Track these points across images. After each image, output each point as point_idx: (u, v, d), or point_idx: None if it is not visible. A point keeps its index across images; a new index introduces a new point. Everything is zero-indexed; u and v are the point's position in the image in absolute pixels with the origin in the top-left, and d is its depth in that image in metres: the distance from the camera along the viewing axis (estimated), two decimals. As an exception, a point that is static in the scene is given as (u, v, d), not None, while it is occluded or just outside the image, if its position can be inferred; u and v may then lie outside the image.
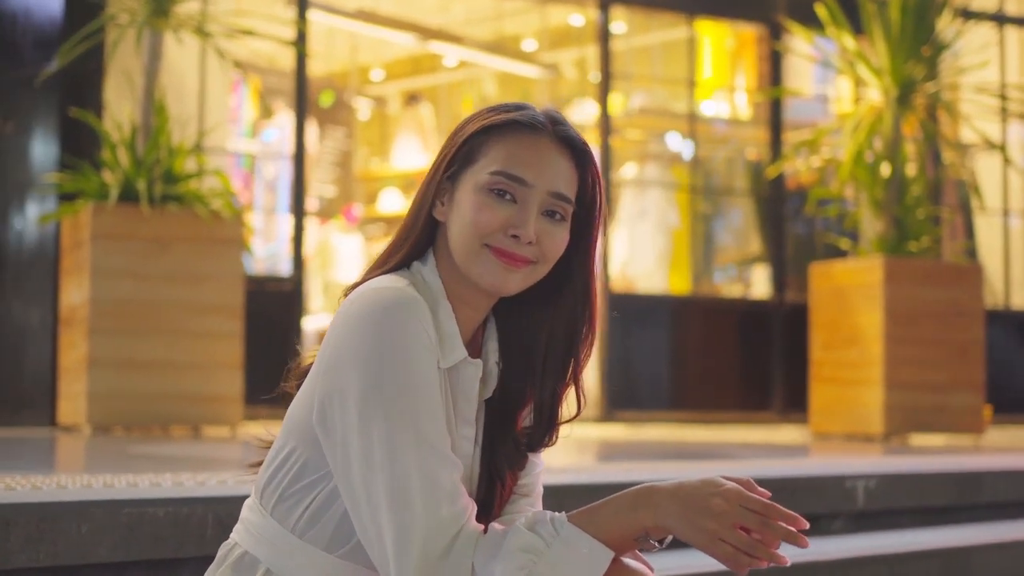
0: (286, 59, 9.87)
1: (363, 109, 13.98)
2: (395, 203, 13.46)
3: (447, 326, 1.95)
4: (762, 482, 1.84)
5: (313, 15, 10.37)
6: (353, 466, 1.84)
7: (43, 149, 8.04)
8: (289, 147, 9.70)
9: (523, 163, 1.96)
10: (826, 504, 4.28)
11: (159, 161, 7.12)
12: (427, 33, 12.37)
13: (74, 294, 7.15)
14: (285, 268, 9.70)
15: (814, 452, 6.78)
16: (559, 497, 3.63)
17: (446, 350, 1.94)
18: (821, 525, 4.22)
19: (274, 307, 9.03)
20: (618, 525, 1.84)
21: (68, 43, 7.16)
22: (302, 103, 9.05)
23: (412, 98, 13.59)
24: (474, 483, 2.02)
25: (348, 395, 1.85)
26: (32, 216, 8.06)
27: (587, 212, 2.04)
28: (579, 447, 6.97)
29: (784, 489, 4.17)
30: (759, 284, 11.27)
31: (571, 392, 2.09)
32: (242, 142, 10.89)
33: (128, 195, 6.95)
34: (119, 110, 7.67)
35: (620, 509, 1.85)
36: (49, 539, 2.53)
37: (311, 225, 12.95)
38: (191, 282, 7.08)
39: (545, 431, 2.06)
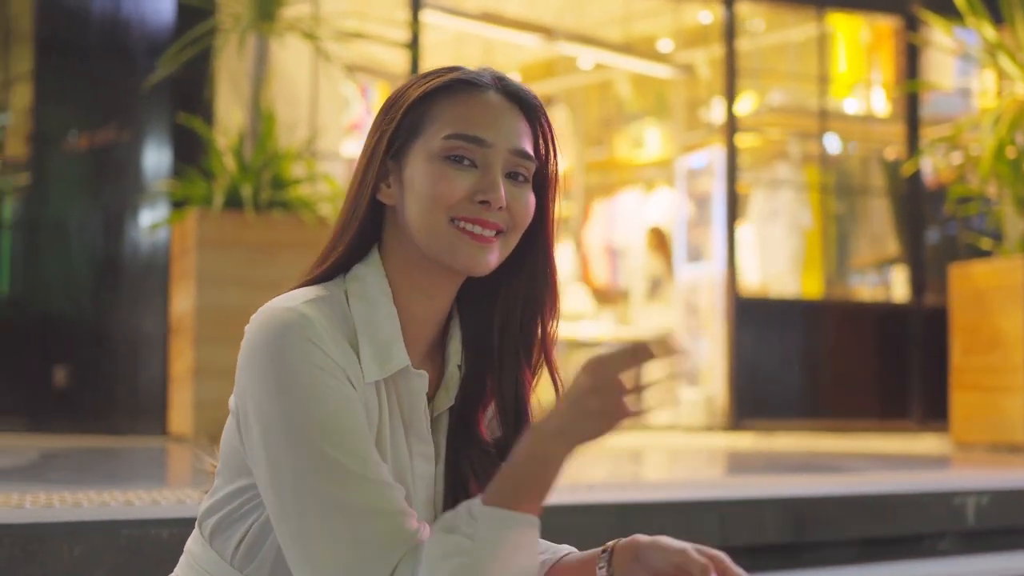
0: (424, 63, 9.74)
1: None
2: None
3: (385, 331, 1.72)
4: (861, 498, 1.58)
5: (434, 17, 10.23)
6: (273, 503, 1.65)
7: (156, 156, 8.00)
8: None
9: (478, 122, 1.74)
10: (931, 522, 3.95)
11: (266, 167, 7.02)
12: (560, 35, 12.17)
13: (182, 302, 7.08)
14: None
15: (954, 464, 6.42)
16: (685, 514, 3.40)
17: (380, 359, 1.70)
18: (925, 545, 3.91)
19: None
20: (532, 481, 1.61)
21: (171, 49, 7.10)
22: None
23: (546, 101, 13.40)
24: (438, 504, 1.79)
25: (252, 431, 1.67)
26: (145, 224, 8.03)
27: (541, 174, 1.82)
28: (705, 458, 6.70)
29: (886, 506, 3.87)
30: (897, 286, 10.84)
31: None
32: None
33: (235, 201, 6.86)
34: (229, 116, 7.60)
35: (523, 464, 1.61)
36: (37, 562, 2.36)
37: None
38: (297, 289, 6.95)
39: (516, 433, 1.80)
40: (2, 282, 9.21)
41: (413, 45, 8.84)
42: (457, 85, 1.77)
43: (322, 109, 8.39)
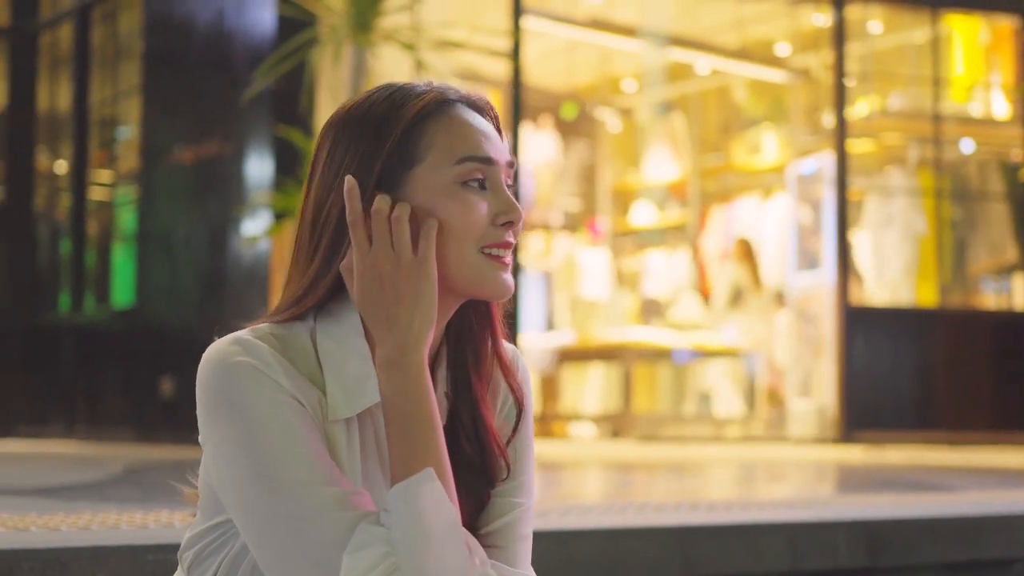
0: (527, 71, 9.68)
1: (612, 120, 13.73)
2: (648, 215, 13.15)
3: (356, 368, 1.63)
4: (944, 521, 1.47)
5: (539, 25, 10.17)
6: (247, 535, 1.59)
7: (258, 168, 8.04)
8: (525, 160, 9.48)
9: (478, 141, 1.65)
10: (1021, 547, 3.78)
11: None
12: (678, 42, 12.07)
13: (280, 314, 7.08)
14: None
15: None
16: (751, 537, 3.30)
17: (350, 397, 1.62)
18: (1014, 572, 3.73)
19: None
20: (409, 428, 1.56)
21: (268, 62, 7.11)
22: (516, 116, 8.81)
23: (664, 108, 13.28)
24: None
25: (215, 466, 1.60)
26: (247, 236, 8.07)
27: None
28: (814, 473, 6.54)
29: (971, 528, 3.71)
30: (1017, 294, 10.52)
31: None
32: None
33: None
34: (328, 127, 7.60)
35: (393, 422, 1.56)
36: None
37: (559, 240, 12.78)
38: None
39: (480, 453, 1.71)
40: (125, 293, 9.33)
41: (515, 54, 8.77)
42: (438, 105, 1.67)
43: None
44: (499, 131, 1.72)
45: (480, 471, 1.71)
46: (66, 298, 9.72)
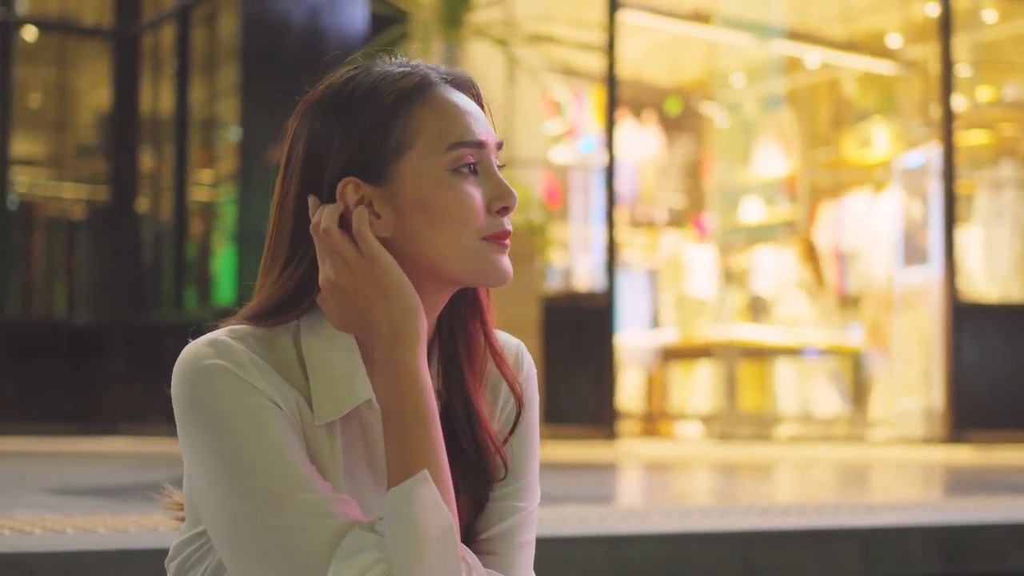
0: (630, 66, 9.58)
1: (719, 115, 13.54)
2: (757, 211, 12.94)
3: (342, 366, 1.54)
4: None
5: (639, 18, 10.04)
6: (216, 541, 1.51)
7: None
8: (630, 155, 9.37)
9: (467, 124, 1.55)
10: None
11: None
12: (786, 35, 11.87)
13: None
14: (600, 283, 9.29)
15: None
16: (821, 544, 3.16)
17: (335, 397, 1.53)
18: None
19: (587, 323, 8.70)
20: (405, 429, 1.47)
21: (353, 60, 7.08)
22: (612, 110, 8.70)
23: (773, 102, 13.07)
24: None
25: (189, 470, 1.53)
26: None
27: None
28: (921, 475, 6.35)
29: (995, 539, 3.49)
30: None
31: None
32: (587, 153, 10.68)
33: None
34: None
35: (391, 421, 1.48)
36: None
37: (664, 237, 12.65)
38: (483, 299, 6.85)
39: (478, 452, 1.61)
40: (227, 292, 9.37)
41: (610, 48, 8.65)
42: (422, 87, 1.56)
43: (518, 115, 8.28)
44: (483, 108, 1.62)
45: (477, 470, 1.62)
46: (169, 297, 9.78)
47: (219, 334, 1.53)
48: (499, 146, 1.58)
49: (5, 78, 10.00)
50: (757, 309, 12.20)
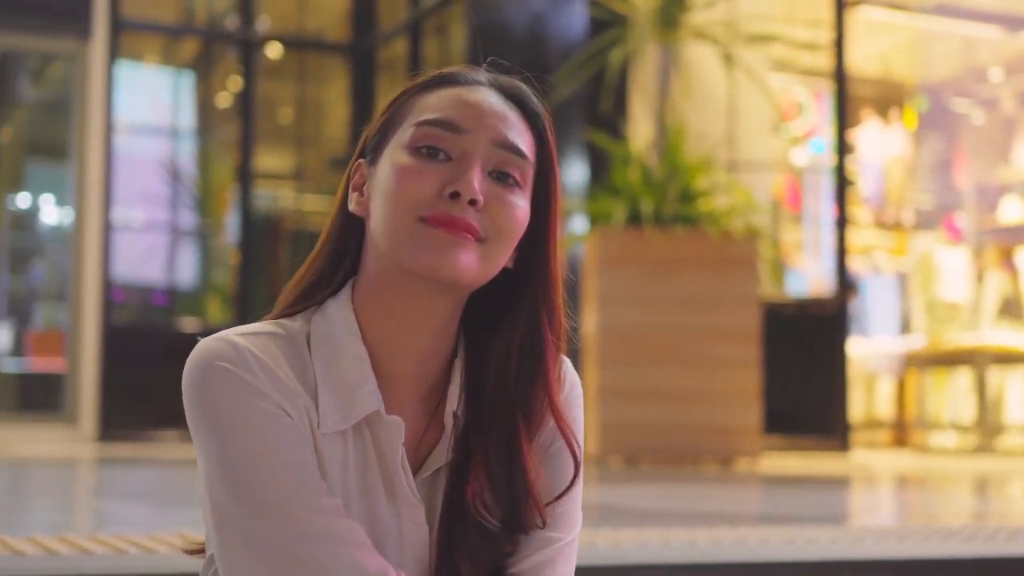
0: (874, 64, 9.26)
1: (975, 112, 12.98)
2: (1017, 211, 12.35)
3: (351, 375, 1.45)
4: None
5: (885, 15, 9.70)
6: (213, 543, 1.44)
7: (573, 173, 7.92)
8: (873, 156, 9.05)
9: (455, 109, 1.45)
10: None
11: (671, 179, 6.79)
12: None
13: (588, 322, 6.96)
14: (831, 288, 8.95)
15: None
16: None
17: (344, 406, 1.43)
18: None
19: (817, 330, 8.41)
20: None
21: (569, 65, 7.00)
22: (842, 109, 8.39)
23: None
24: None
25: (201, 480, 1.45)
26: (566, 244, 7.98)
27: (543, 194, 1.50)
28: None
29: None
30: None
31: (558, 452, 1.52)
32: (819, 155, 10.39)
33: (638, 217, 6.69)
34: (642, 129, 7.43)
35: None
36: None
37: (915, 240, 12.22)
38: (702, 308, 6.69)
39: (510, 512, 1.47)
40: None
41: (838, 45, 8.35)
42: (441, 79, 1.49)
43: (742, 117, 8.07)
44: (527, 119, 1.50)
45: (505, 522, 1.48)
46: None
47: (232, 332, 1.46)
48: (504, 146, 1.45)
49: (249, 95, 10.27)
50: (1013, 313, 11.64)
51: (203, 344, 1.44)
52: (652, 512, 4.27)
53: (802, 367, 8.20)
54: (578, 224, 7.54)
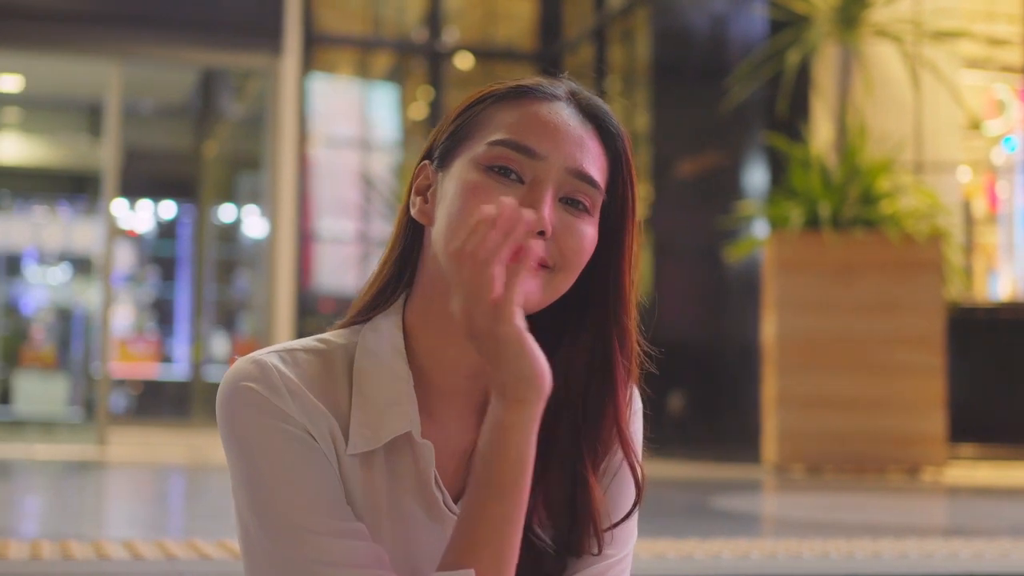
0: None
1: None
2: None
3: (387, 393, 1.42)
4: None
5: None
6: (244, 562, 1.44)
7: (755, 176, 7.79)
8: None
9: (533, 131, 1.40)
10: None
11: (851, 181, 6.63)
12: None
13: (768, 328, 6.85)
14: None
15: None
16: None
17: (374, 425, 1.41)
18: None
19: (1011, 334, 8.11)
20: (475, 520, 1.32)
21: (743, 67, 6.89)
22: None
23: None
24: None
25: (232, 498, 1.46)
26: (739, 246, 7.83)
27: (618, 214, 1.45)
28: None
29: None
30: None
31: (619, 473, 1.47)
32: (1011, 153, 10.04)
33: (817, 220, 6.55)
34: (823, 131, 7.28)
35: (475, 490, 1.33)
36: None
37: None
38: (882, 312, 6.52)
39: (572, 529, 1.43)
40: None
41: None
42: (520, 92, 1.45)
43: (933, 116, 7.84)
44: (615, 155, 1.45)
45: (558, 543, 1.44)
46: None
47: (271, 349, 1.45)
48: (578, 175, 1.40)
49: (439, 105, 10.37)
50: None
51: (236, 365, 1.44)
52: (857, 525, 4.16)
53: (995, 373, 7.92)
54: (759, 229, 7.42)
